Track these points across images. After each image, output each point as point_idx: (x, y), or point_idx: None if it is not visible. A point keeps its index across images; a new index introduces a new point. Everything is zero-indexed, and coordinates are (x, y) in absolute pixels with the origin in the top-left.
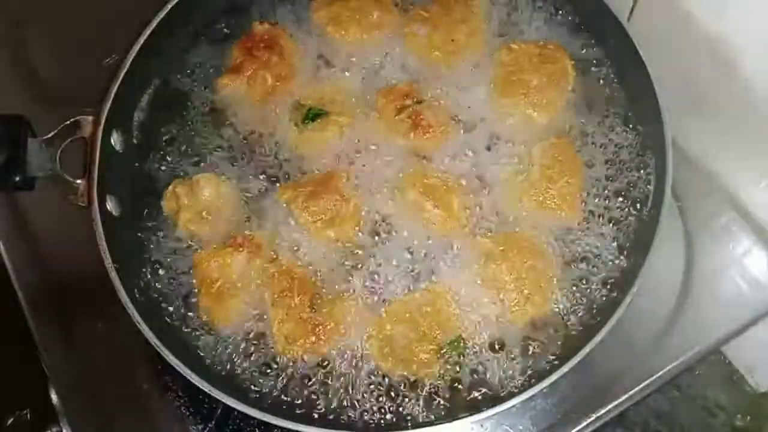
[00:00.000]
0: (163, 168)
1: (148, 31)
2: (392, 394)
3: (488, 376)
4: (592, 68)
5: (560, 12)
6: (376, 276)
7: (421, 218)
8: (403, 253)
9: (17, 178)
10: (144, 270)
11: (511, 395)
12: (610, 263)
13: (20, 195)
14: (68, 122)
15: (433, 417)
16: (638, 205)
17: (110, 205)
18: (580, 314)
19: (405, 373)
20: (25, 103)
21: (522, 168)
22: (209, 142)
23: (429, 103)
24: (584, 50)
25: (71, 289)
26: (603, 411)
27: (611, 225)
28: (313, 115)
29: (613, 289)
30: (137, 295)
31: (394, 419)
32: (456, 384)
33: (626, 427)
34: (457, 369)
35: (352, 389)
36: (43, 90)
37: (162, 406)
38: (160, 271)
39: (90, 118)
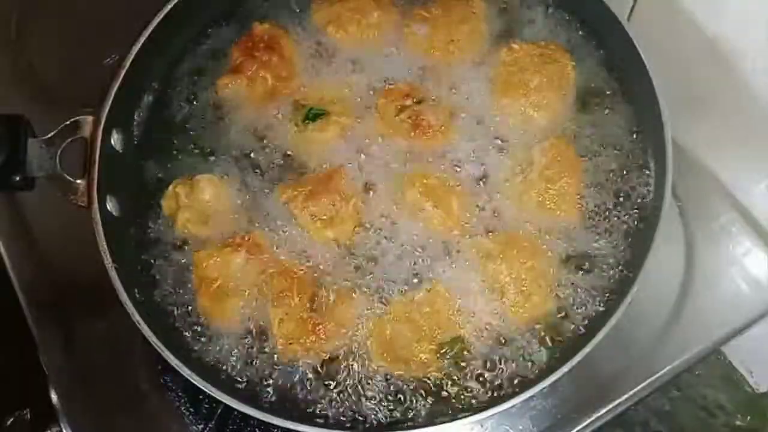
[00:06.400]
0: (163, 168)
1: (148, 31)
2: (392, 393)
3: (488, 375)
4: (592, 68)
5: (560, 12)
6: (375, 276)
7: (421, 218)
8: (403, 253)
9: (17, 178)
10: (144, 270)
11: (511, 395)
12: (610, 263)
13: (20, 195)
14: (68, 122)
15: (433, 417)
16: (638, 205)
17: (110, 205)
18: (580, 314)
19: (405, 373)
20: (25, 103)
21: (522, 168)
22: (209, 142)
23: (429, 103)
24: (584, 50)
25: (71, 289)
26: (603, 411)
27: (611, 225)
28: (313, 115)
29: (612, 289)
30: (137, 295)
31: (394, 419)
32: (456, 384)
33: (626, 427)
34: (457, 369)
35: (352, 389)
36: (43, 90)
37: (162, 406)
38: (160, 271)
39: (90, 118)
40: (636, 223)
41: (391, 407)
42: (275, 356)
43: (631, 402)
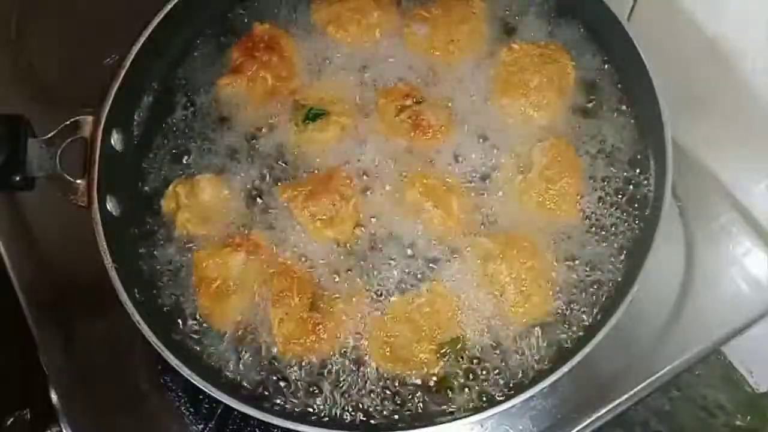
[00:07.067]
0: (163, 168)
1: (148, 31)
2: (392, 393)
3: (488, 375)
4: (592, 68)
5: (560, 12)
6: (375, 276)
7: (421, 218)
8: (403, 253)
9: (17, 178)
10: (144, 270)
11: (511, 395)
12: (610, 263)
13: (20, 195)
14: (68, 122)
15: (433, 416)
16: (638, 205)
17: (110, 205)
18: (579, 314)
19: (405, 373)
20: (25, 103)
21: (522, 168)
22: (209, 142)
23: (429, 103)
24: (584, 50)
25: (71, 289)
26: (603, 411)
27: (611, 225)
28: (313, 115)
29: (613, 290)
30: (137, 295)
31: (394, 419)
32: (456, 384)
33: (626, 427)
34: (457, 369)
35: (352, 389)
36: (43, 90)
37: (162, 406)
38: (160, 271)
39: (90, 118)
40: (636, 223)
41: (391, 407)
42: (275, 356)
43: (631, 402)
